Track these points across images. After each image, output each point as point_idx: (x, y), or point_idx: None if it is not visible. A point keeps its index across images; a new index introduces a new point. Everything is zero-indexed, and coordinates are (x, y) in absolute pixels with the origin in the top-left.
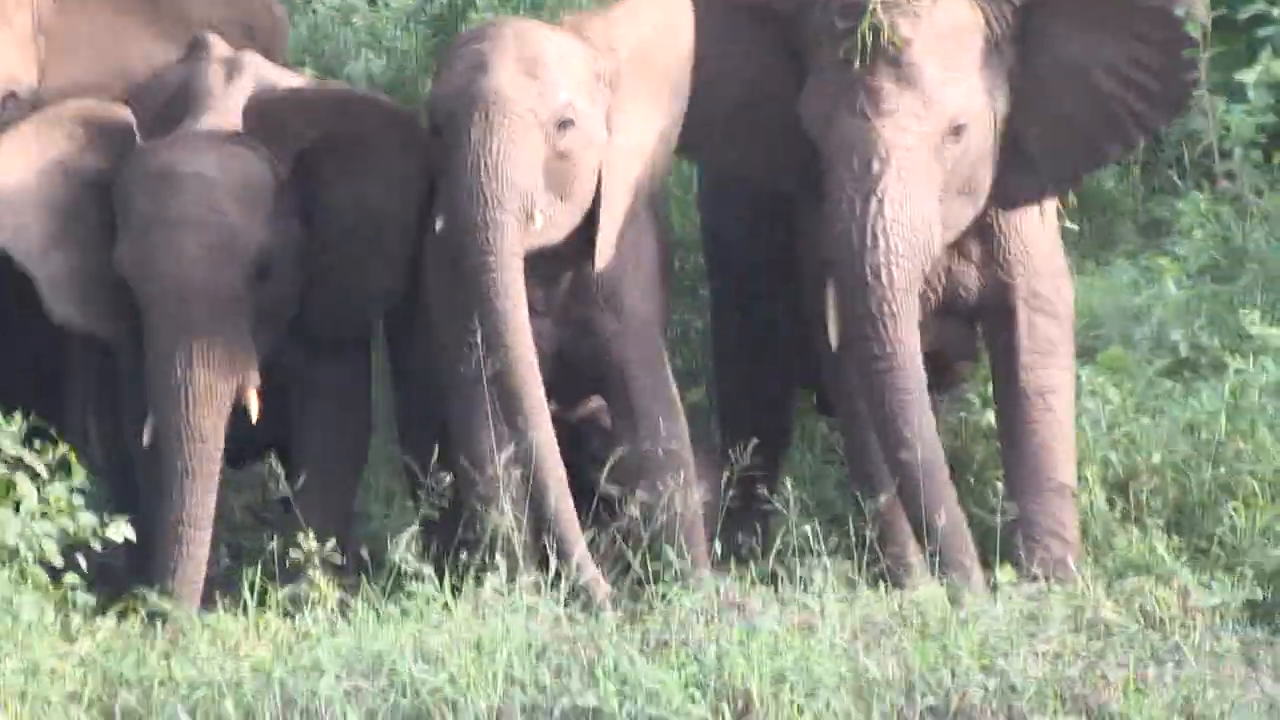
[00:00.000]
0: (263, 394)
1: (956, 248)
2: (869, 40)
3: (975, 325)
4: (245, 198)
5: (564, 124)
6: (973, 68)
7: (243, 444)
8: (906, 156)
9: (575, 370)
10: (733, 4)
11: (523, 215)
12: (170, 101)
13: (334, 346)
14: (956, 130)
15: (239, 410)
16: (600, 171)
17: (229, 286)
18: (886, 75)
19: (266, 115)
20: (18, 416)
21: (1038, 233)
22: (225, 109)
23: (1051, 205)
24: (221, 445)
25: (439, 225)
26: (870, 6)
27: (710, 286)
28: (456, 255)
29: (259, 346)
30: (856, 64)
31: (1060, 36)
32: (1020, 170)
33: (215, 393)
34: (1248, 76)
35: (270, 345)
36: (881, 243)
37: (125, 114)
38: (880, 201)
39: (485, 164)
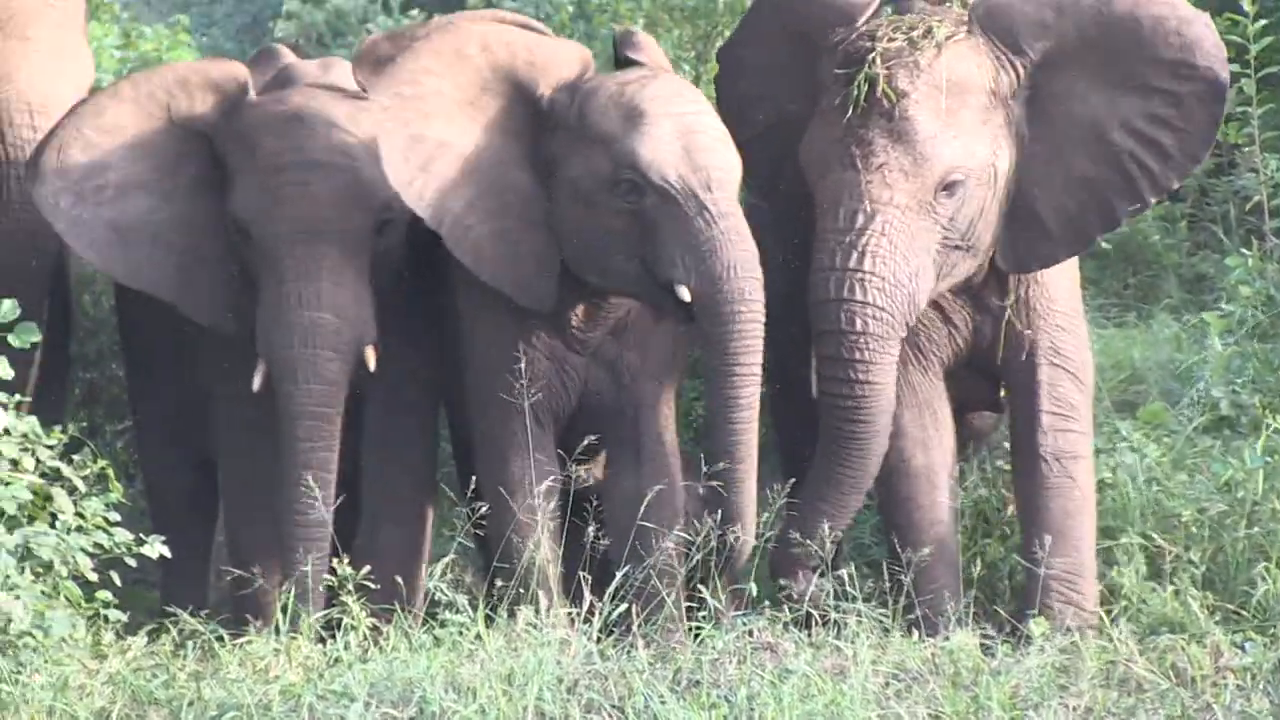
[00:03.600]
0: None
1: (975, 300)
2: (864, 90)
3: (998, 379)
4: (373, 148)
5: None
6: (974, 123)
7: None
8: (892, 212)
9: (591, 406)
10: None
11: None
12: (274, 78)
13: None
14: (949, 186)
15: None
16: None
17: (357, 232)
18: (879, 128)
19: None
20: (57, 430)
21: (1060, 284)
22: (332, 81)
23: (1073, 265)
24: (344, 397)
25: (683, 293)
26: (870, 56)
27: None
28: (707, 321)
29: None
30: (851, 114)
31: (1078, 94)
32: (1030, 232)
33: (342, 338)
34: None
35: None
36: (859, 293)
37: (241, 70)
38: (861, 255)
39: (739, 233)
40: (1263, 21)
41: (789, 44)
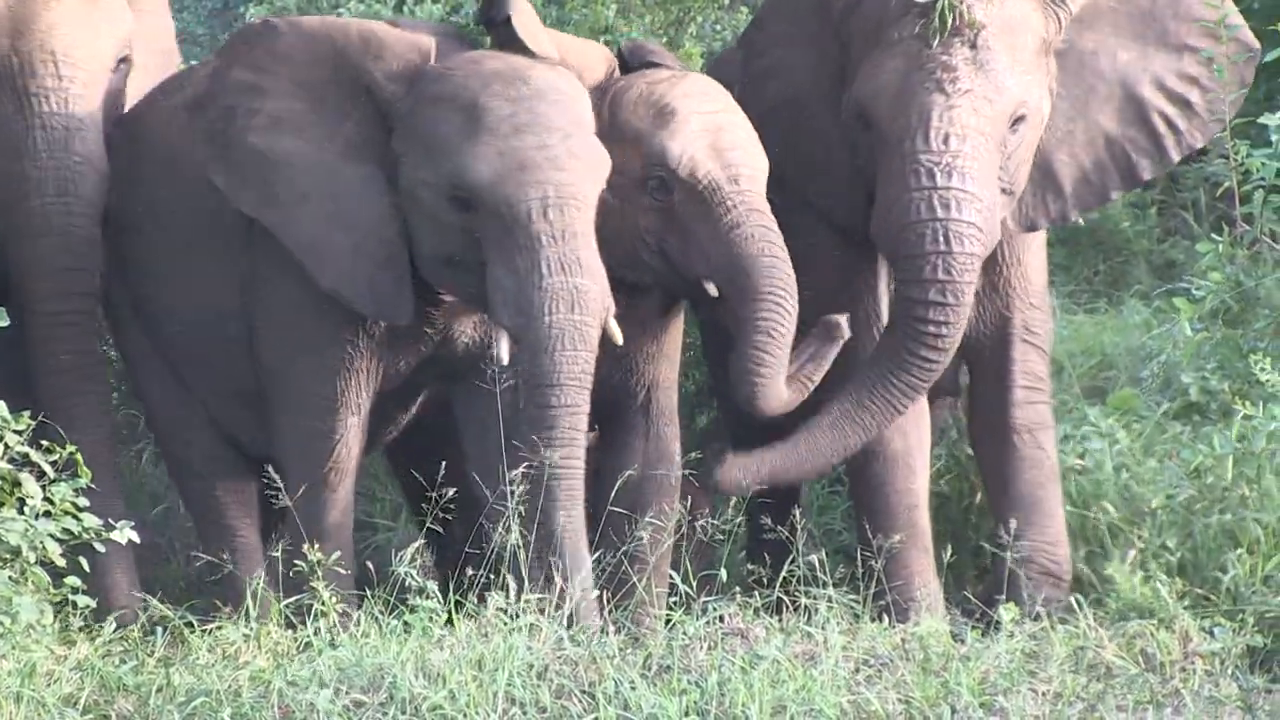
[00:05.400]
0: None
1: None
2: (947, 20)
3: (962, 359)
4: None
5: None
6: (1031, 64)
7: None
8: (979, 139)
9: (604, 388)
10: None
11: None
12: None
13: None
14: (1017, 121)
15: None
16: None
17: (593, 199)
18: (962, 56)
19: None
20: (25, 415)
21: (1036, 264)
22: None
23: (1043, 237)
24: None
25: (710, 288)
26: None
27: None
28: (739, 304)
29: None
30: (933, 43)
31: (1109, 48)
32: (1045, 190)
33: (599, 306)
34: (1271, 120)
35: None
36: (959, 211)
37: (425, 39)
38: (962, 175)
39: (765, 225)
40: (1236, 8)
41: (808, 13)
